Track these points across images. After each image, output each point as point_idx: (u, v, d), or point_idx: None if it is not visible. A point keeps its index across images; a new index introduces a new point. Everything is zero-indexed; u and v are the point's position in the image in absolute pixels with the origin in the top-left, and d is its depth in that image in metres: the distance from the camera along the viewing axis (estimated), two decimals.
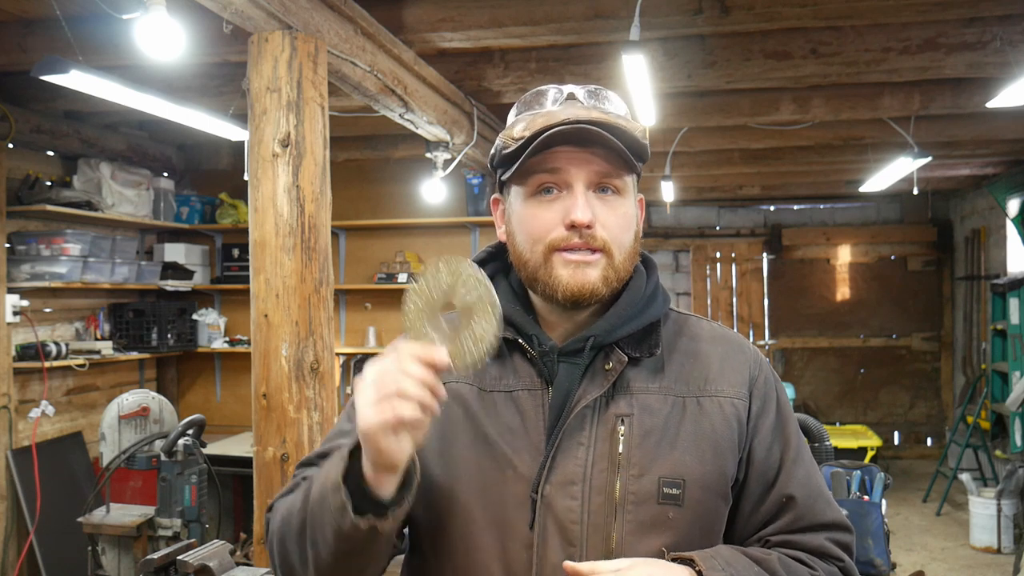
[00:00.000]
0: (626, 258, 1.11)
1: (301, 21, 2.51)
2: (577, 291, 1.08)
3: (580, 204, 1.06)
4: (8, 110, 4.30)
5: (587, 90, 1.14)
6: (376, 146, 5.52)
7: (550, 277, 1.09)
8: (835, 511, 1.16)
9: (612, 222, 1.09)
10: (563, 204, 1.08)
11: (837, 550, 1.13)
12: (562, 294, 1.08)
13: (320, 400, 2.55)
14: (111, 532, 3.15)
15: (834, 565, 1.13)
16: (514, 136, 1.10)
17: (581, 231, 1.07)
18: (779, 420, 1.16)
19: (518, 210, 1.13)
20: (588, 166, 1.08)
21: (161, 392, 5.36)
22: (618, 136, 1.06)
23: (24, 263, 4.58)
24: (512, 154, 1.10)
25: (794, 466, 1.14)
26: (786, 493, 1.13)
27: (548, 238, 1.08)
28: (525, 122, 1.10)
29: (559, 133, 1.05)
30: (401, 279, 5.59)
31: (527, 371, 1.13)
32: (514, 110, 1.18)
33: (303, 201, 2.52)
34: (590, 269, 1.08)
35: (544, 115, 1.09)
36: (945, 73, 3.73)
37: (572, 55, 3.90)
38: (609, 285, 1.10)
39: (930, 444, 8.70)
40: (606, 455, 1.08)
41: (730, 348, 1.18)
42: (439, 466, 1.10)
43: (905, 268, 8.72)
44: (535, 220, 1.10)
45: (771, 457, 1.14)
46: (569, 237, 1.07)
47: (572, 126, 1.05)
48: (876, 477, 2.48)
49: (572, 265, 1.08)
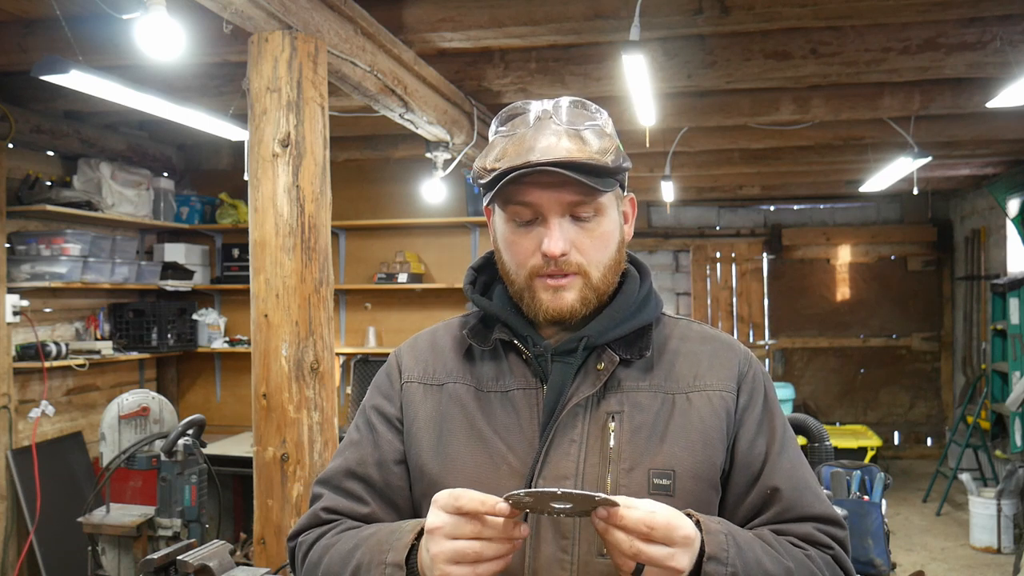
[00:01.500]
0: (605, 273, 1.17)
1: (301, 21, 2.51)
2: (556, 314, 1.15)
3: (553, 236, 1.12)
4: (8, 110, 4.30)
5: (570, 102, 1.17)
6: (376, 146, 5.52)
7: (533, 299, 1.16)
8: (824, 505, 1.16)
9: (587, 245, 1.15)
10: (538, 234, 1.14)
11: (826, 538, 1.13)
12: (543, 316, 1.16)
13: (320, 400, 2.55)
14: (111, 532, 3.14)
15: (826, 553, 1.12)
16: (487, 167, 1.15)
17: (556, 260, 1.13)
18: (765, 414, 1.18)
19: (501, 232, 1.19)
20: (559, 197, 1.12)
21: (161, 392, 5.36)
22: (586, 170, 1.10)
23: (24, 263, 4.58)
24: (487, 184, 1.15)
25: (779, 458, 1.15)
26: (771, 485, 1.14)
27: (528, 264, 1.15)
28: (499, 148, 1.15)
29: (524, 174, 1.10)
30: (401, 279, 5.59)
31: (522, 371, 1.18)
32: (494, 124, 1.21)
33: (303, 201, 2.52)
34: (566, 293, 1.15)
35: (516, 143, 1.13)
36: (945, 73, 3.73)
37: (572, 55, 3.90)
38: (587, 304, 1.16)
39: (930, 444, 8.70)
40: (597, 450, 1.12)
41: (719, 346, 1.22)
42: (435, 461, 1.14)
43: (905, 268, 8.72)
44: (515, 247, 1.17)
45: (755, 449, 1.16)
46: (545, 265, 1.14)
47: (534, 168, 1.10)
48: (876, 477, 2.48)
49: (551, 290, 1.15)
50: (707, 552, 0.99)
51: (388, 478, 1.20)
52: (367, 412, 1.26)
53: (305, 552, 1.18)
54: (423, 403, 1.21)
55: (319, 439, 2.54)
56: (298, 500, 2.49)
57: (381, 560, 1.04)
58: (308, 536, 1.19)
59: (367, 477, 1.20)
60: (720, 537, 1.01)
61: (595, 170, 1.11)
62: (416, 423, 1.20)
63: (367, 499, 1.19)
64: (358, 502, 1.19)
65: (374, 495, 1.20)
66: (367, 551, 1.08)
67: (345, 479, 1.21)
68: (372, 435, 1.23)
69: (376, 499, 1.19)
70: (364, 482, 1.20)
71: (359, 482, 1.20)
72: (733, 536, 1.03)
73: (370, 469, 1.20)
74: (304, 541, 1.19)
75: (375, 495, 1.20)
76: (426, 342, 1.28)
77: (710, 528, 1.02)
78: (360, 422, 1.26)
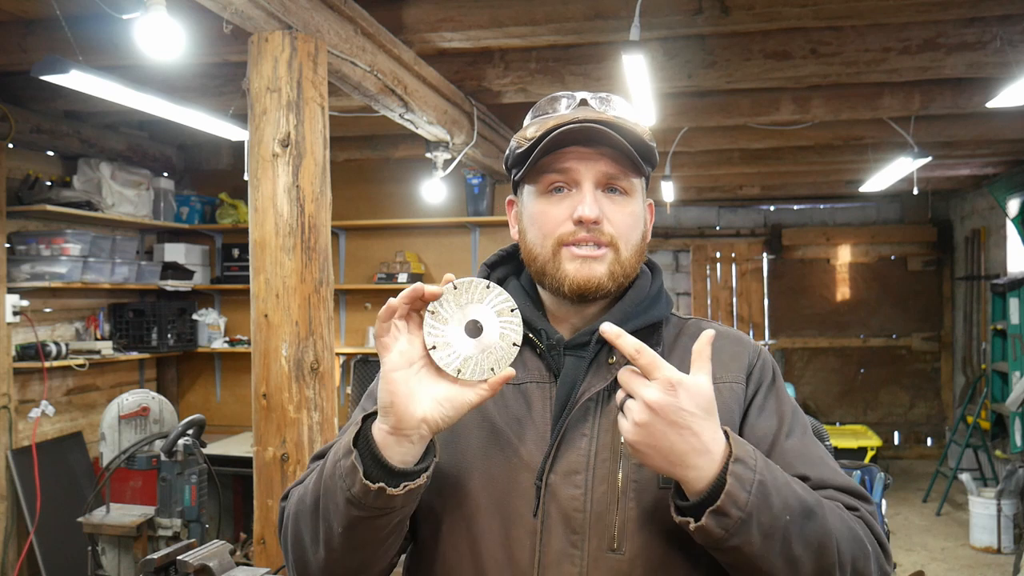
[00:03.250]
0: (633, 255, 1.16)
1: (301, 21, 2.51)
2: (583, 284, 1.12)
3: (588, 200, 1.11)
4: (8, 110, 4.30)
5: (599, 97, 1.19)
6: (376, 146, 5.52)
7: (558, 271, 1.13)
8: (844, 478, 1.13)
9: (619, 219, 1.13)
10: (572, 201, 1.13)
11: (851, 500, 1.09)
12: (568, 287, 1.13)
13: (320, 400, 2.55)
14: (111, 532, 3.14)
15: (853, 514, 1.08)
16: (527, 136, 1.15)
17: (588, 226, 1.11)
18: (770, 399, 1.17)
19: (530, 207, 1.18)
20: (596, 166, 1.12)
21: (161, 392, 5.37)
22: (625, 136, 1.11)
23: (24, 263, 4.58)
24: (524, 153, 1.15)
25: (787, 441, 1.13)
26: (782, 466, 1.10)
27: (557, 232, 1.13)
28: (537, 124, 1.15)
29: (568, 132, 1.10)
30: (401, 279, 5.59)
31: (536, 364, 1.17)
32: (529, 115, 1.23)
33: (303, 201, 2.52)
34: (596, 264, 1.12)
35: (556, 118, 1.14)
36: (945, 73, 3.73)
37: (572, 55, 3.90)
38: (615, 280, 1.14)
39: (930, 444, 8.70)
40: (608, 445, 1.11)
41: (729, 341, 1.22)
42: (446, 453, 1.13)
43: (905, 268, 8.72)
44: (545, 216, 1.14)
45: (758, 432, 1.14)
46: (577, 232, 1.12)
47: (580, 124, 1.10)
48: (876, 477, 2.48)
49: (579, 260, 1.12)
50: (734, 454, 0.97)
51: None
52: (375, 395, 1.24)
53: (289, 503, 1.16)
54: None
55: (319, 439, 2.54)
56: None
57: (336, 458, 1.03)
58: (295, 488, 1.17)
59: None
60: (747, 448, 0.99)
61: (636, 141, 1.12)
62: None
63: None
64: None
65: None
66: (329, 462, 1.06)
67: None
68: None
69: None
70: None
71: None
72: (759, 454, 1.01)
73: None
74: (292, 492, 1.17)
75: None
76: None
77: (736, 438, 1.00)
78: (368, 404, 1.24)
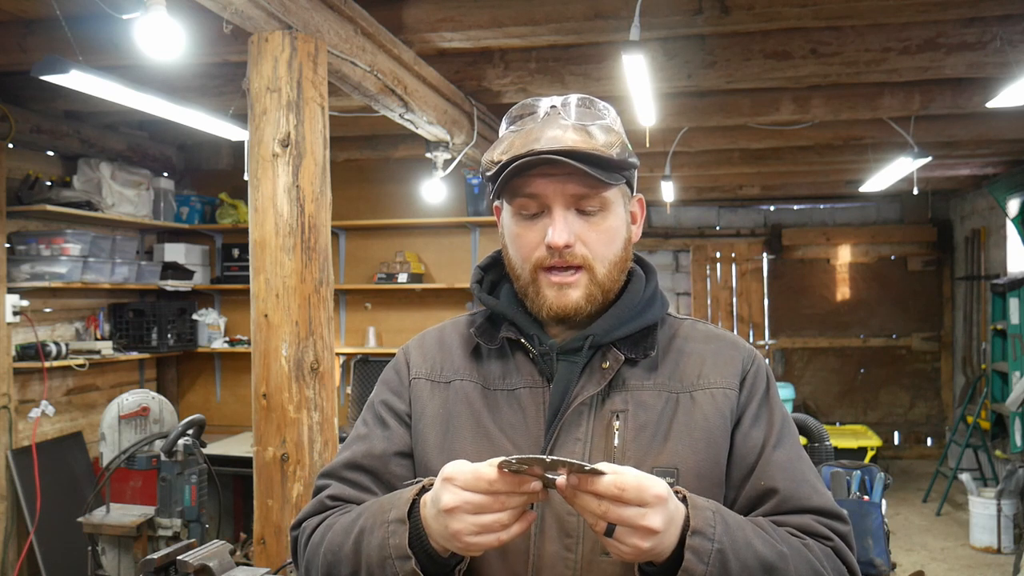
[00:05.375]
0: (611, 270, 1.17)
1: (301, 21, 2.51)
2: (560, 311, 1.15)
3: (558, 227, 1.12)
4: (8, 110, 4.30)
5: (578, 99, 1.18)
6: (376, 146, 5.52)
7: (537, 295, 1.16)
8: (823, 499, 1.13)
9: (593, 239, 1.15)
10: (544, 226, 1.14)
11: (825, 530, 1.10)
12: (547, 313, 1.16)
13: (320, 400, 2.55)
14: (111, 532, 3.14)
15: (825, 545, 1.09)
16: (493, 160, 1.16)
17: (560, 251, 1.12)
18: (762, 409, 1.18)
19: (508, 227, 1.19)
20: (564, 188, 1.13)
21: (161, 392, 5.36)
22: (590, 161, 1.10)
23: (24, 263, 4.58)
24: (493, 176, 1.15)
25: (775, 452, 1.14)
26: (766, 477, 1.13)
27: (533, 257, 1.15)
28: (506, 143, 1.16)
29: (529, 162, 1.10)
30: (401, 279, 5.59)
31: (528, 369, 1.18)
32: (504, 122, 1.22)
33: (303, 201, 2.52)
34: (571, 290, 1.15)
35: (523, 136, 1.14)
36: (945, 73, 3.73)
37: (572, 55, 3.90)
38: (593, 302, 1.16)
39: (930, 444, 8.70)
40: (602, 449, 1.12)
41: (723, 345, 1.22)
42: (441, 458, 1.13)
43: (905, 268, 8.71)
44: (520, 240, 1.16)
45: (750, 441, 1.15)
46: (549, 257, 1.14)
47: (539, 156, 1.10)
48: (876, 477, 2.48)
49: (555, 287, 1.15)
50: (692, 526, 0.97)
51: (396, 471, 1.20)
52: (376, 407, 1.26)
53: (308, 535, 1.18)
54: (430, 400, 1.21)
55: (319, 439, 2.54)
56: (298, 500, 2.49)
57: (384, 520, 1.04)
58: (312, 521, 1.19)
59: (374, 469, 1.20)
60: (707, 513, 0.99)
61: (599, 162, 1.11)
62: (423, 420, 1.21)
63: (374, 489, 1.19)
64: (364, 492, 1.19)
65: (380, 487, 1.19)
66: (369, 516, 1.08)
67: (351, 471, 1.21)
68: (381, 429, 1.23)
69: (383, 491, 1.19)
70: (371, 474, 1.20)
71: (366, 474, 1.20)
72: (721, 514, 1.01)
73: (377, 462, 1.20)
74: (308, 526, 1.19)
75: (382, 487, 1.19)
76: (434, 340, 1.29)
77: (697, 504, 1.00)
78: (368, 416, 1.26)
